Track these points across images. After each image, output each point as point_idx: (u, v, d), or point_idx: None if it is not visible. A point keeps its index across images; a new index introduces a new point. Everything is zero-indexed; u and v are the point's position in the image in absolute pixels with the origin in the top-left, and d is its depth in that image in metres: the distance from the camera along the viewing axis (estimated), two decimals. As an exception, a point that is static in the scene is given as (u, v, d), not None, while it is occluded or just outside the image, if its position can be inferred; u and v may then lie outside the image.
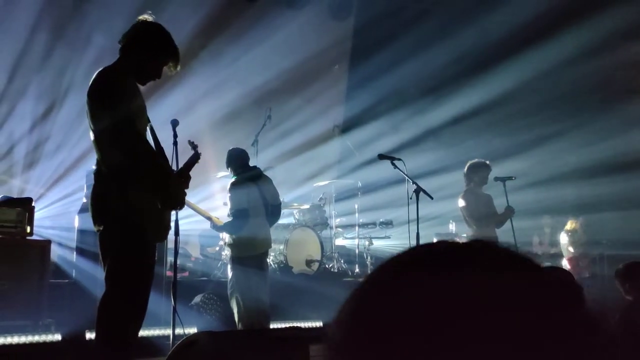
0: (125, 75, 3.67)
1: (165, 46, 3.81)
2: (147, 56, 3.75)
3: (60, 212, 8.30)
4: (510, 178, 7.53)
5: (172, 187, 3.70)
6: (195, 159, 4.07)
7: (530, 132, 11.12)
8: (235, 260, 5.95)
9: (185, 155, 4.27)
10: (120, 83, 3.59)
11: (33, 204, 5.81)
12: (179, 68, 3.89)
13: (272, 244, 6.69)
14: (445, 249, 0.66)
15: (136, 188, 3.52)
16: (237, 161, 6.24)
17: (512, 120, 11.12)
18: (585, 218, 9.86)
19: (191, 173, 4.04)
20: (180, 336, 4.51)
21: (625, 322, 4.21)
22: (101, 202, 3.57)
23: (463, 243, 0.68)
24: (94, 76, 3.65)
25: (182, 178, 3.87)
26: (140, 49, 3.74)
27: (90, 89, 3.62)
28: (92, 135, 3.64)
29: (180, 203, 3.81)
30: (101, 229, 3.57)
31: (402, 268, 0.66)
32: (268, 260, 6.50)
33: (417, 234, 6.39)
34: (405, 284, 0.63)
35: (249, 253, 5.91)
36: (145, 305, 3.56)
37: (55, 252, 6.60)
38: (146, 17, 3.88)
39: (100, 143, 3.57)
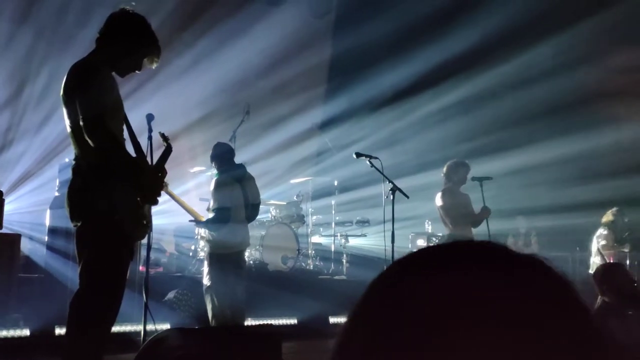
0: (102, 68, 3.57)
1: (146, 38, 3.73)
2: (127, 47, 3.66)
3: (30, 205, 8.18)
4: (487, 178, 7.58)
5: (148, 182, 3.64)
6: (167, 152, 4.00)
7: (508, 133, 11.22)
8: (213, 256, 5.90)
9: (160, 149, 4.20)
10: (97, 77, 3.50)
11: (3, 197, 5.70)
12: (159, 61, 3.82)
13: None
14: (448, 250, 0.67)
15: (116, 184, 3.46)
16: (223, 157, 6.18)
17: (491, 122, 11.20)
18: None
19: (166, 167, 3.98)
20: (151, 332, 4.45)
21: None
22: (80, 197, 3.49)
23: (468, 243, 0.68)
24: (69, 69, 3.57)
25: (158, 173, 3.80)
26: (120, 40, 3.65)
27: (65, 82, 3.53)
28: (68, 129, 3.56)
29: (156, 198, 3.75)
30: (79, 224, 3.50)
31: (403, 271, 0.66)
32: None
33: (392, 233, 6.39)
34: (405, 286, 0.63)
35: (227, 250, 5.87)
36: (120, 302, 3.50)
37: (25, 246, 6.50)
38: (126, 7, 3.80)
39: (78, 137, 3.50)
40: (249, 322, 6.39)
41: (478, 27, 9.78)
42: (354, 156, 6.73)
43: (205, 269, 5.96)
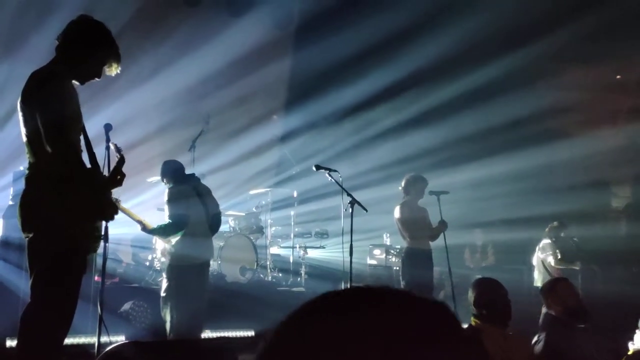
0: (63, 76, 3.55)
1: (106, 44, 3.70)
2: (86, 54, 3.64)
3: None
4: (444, 192, 7.70)
5: (103, 198, 3.60)
6: (121, 164, 3.95)
7: (465, 148, 11.42)
8: (175, 268, 5.84)
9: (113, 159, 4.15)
10: (58, 85, 3.46)
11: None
12: (119, 68, 3.80)
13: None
14: (348, 295, 0.70)
15: (70, 195, 3.41)
16: (174, 173, 6.16)
17: (448, 136, 11.38)
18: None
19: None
20: (106, 344, 4.39)
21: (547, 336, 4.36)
22: (33, 209, 3.43)
23: (364, 288, 0.71)
24: (29, 76, 3.52)
25: (112, 186, 3.75)
26: (79, 46, 3.62)
27: (24, 90, 3.48)
28: (24, 138, 3.50)
29: (112, 214, 3.70)
30: (30, 235, 3.44)
31: (309, 315, 0.71)
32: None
33: (351, 245, 6.44)
34: (312, 329, 0.67)
35: (189, 262, 5.82)
36: (72, 315, 3.44)
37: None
38: (85, 14, 3.78)
39: (34, 147, 3.44)
40: (205, 334, 6.35)
41: (436, 43, 9.95)
42: (314, 169, 6.77)
43: (165, 281, 5.90)
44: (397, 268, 9.51)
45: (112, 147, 4.08)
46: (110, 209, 3.65)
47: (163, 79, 9.60)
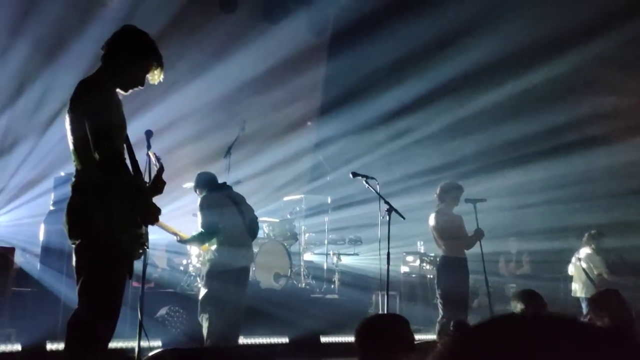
0: (109, 85, 3.62)
1: (149, 52, 3.76)
2: (130, 63, 3.70)
3: (25, 217, 8.13)
4: (481, 200, 7.59)
5: (146, 203, 3.64)
6: (161, 172, 4.00)
7: (502, 156, 11.29)
8: (214, 274, 5.89)
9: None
10: (104, 93, 3.53)
11: (-2, 211, 5.68)
12: (162, 76, 3.84)
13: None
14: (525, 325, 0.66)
15: (115, 202, 3.45)
16: (206, 184, 6.24)
17: (485, 144, 11.27)
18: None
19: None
20: (145, 349, 4.42)
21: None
22: (80, 215, 3.48)
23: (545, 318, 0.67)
24: (77, 85, 3.59)
25: (154, 191, 3.79)
26: (123, 55, 3.68)
27: (72, 98, 3.56)
28: (71, 146, 3.57)
29: (155, 218, 3.74)
30: (77, 242, 3.49)
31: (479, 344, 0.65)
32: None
33: (388, 253, 6.39)
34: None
35: (228, 267, 5.87)
36: (117, 320, 3.49)
37: (18, 258, 6.45)
38: (129, 24, 3.84)
39: (80, 154, 3.50)
40: (240, 340, 6.36)
41: (475, 49, 9.87)
42: (351, 176, 6.74)
43: (203, 286, 5.94)
44: (431, 276, 9.43)
45: (151, 156, 4.13)
46: (154, 214, 3.69)
47: (200, 86, 9.69)
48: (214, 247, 5.99)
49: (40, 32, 8.54)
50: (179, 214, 8.23)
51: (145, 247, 3.75)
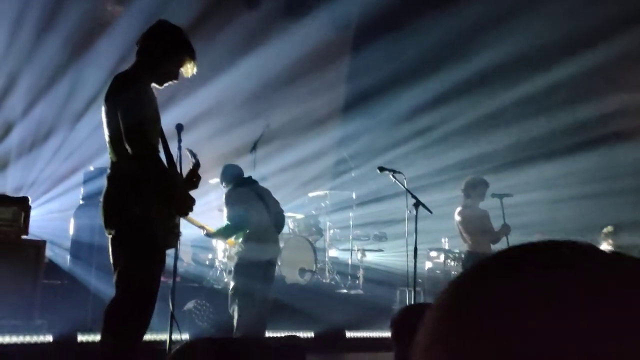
0: (144, 79, 3.67)
1: (184, 46, 3.80)
2: (165, 57, 3.74)
3: (55, 211, 8.23)
4: (507, 195, 7.54)
5: (180, 194, 3.69)
6: (196, 167, 4.06)
7: (528, 151, 11.20)
8: (242, 267, 5.94)
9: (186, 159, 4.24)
10: (139, 87, 3.58)
11: (30, 203, 5.75)
12: (195, 70, 3.88)
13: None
14: (533, 250, 0.60)
15: (150, 193, 3.50)
16: (232, 177, 6.28)
17: (512, 139, 11.19)
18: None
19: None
20: (176, 342, 4.46)
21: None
22: (116, 207, 3.54)
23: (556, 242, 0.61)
24: (112, 79, 3.64)
25: (189, 185, 3.85)
26: (158, 49, 3.73)
27: (108, 92, 3.62)
28: (107, 138, 3.62)
29: (188, 210, 3.79)
30: (113, 233, 3.53)
31: (485, 274, 0.61)
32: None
33: (415, 248, 6.36)
34: (487, 291, 0.55)
35: (256, 259, 5.91)
36: (153, 310, 3.53)
37: (49, 251, 6.53)
38: (163, 19, 3.89)
39: (116, 147, 3.55)
40: (267, 334, 6.38)
41: (501, 45, 9.79)
42: (378, 171, 6.73)
43: (232, 279, 6.00)
44: (455, 272, 9.39)
45: (187, 152, 4.19)
46: (189, 205, 3.74)
47: (225, 81, 9.73)
48: (240, 240, 6.03)
49: (69, 28, 8.63)
50: (205, 210, 8.26)
51: (180, 237, 3.80)
